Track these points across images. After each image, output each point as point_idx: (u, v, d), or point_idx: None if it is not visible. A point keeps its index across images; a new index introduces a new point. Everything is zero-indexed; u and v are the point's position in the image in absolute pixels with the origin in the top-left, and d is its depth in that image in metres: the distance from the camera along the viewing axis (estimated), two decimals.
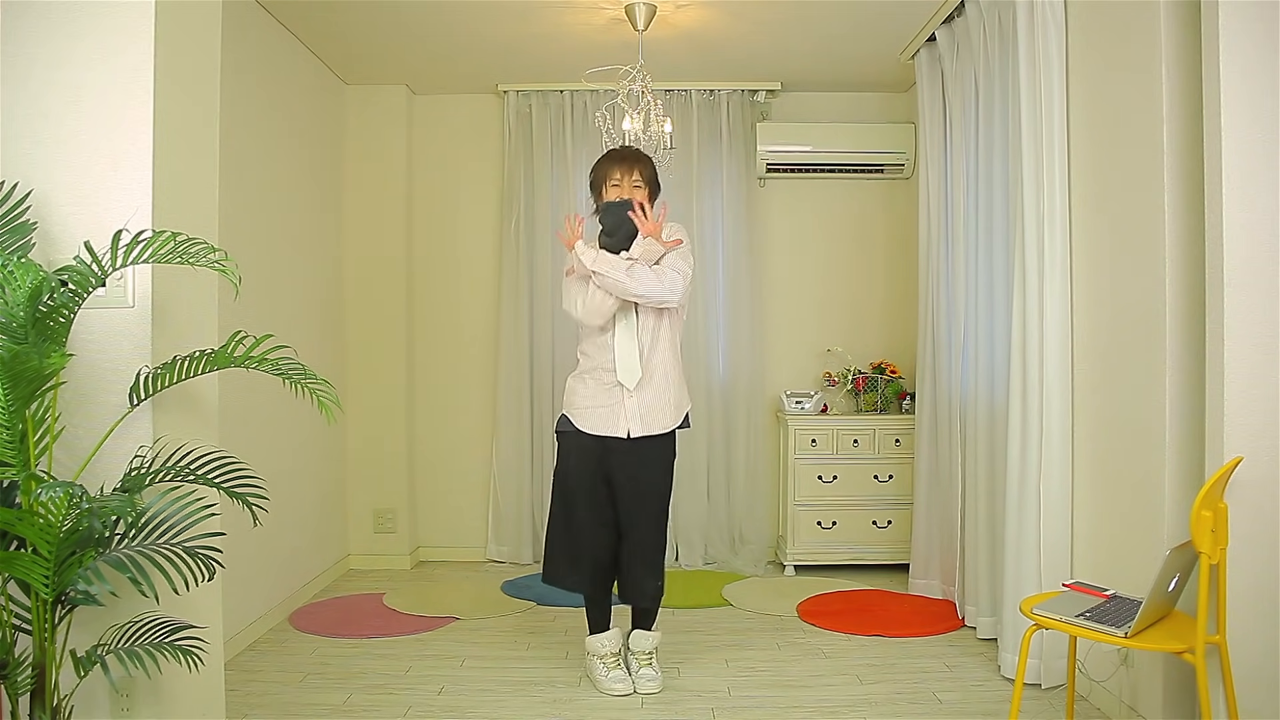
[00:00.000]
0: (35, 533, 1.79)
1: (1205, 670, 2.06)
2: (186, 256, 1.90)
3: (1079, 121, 2.90)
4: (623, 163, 2.97)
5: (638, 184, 2.96)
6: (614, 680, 2.97)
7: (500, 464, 4.72)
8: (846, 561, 4.42)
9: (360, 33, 3.95)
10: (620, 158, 2.99)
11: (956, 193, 3.64)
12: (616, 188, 2.95)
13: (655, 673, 3.01)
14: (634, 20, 3.64)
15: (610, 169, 2.97)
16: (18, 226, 2.01)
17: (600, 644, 3.03)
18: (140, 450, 2.04)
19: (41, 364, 1.79)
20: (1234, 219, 2.20)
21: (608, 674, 2.99)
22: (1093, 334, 2.85)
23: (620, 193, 2.94)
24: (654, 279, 2.86)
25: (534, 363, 4.69)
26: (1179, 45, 2.45)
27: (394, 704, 2.88)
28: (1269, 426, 2.20)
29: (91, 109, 2.10)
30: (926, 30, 3.84)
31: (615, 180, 2.96)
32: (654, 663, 3.05)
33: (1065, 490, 2.91)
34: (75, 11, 2.10)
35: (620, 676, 2.98)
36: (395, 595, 4.10)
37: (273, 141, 3.77)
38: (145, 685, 2.04)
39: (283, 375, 2.02)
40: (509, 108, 4.69)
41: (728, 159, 4.66)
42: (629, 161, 2.97)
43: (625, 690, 2.96)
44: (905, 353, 4.61)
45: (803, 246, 4.82)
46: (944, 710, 2.83)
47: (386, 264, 4.64)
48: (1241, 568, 2.19)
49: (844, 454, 4.40)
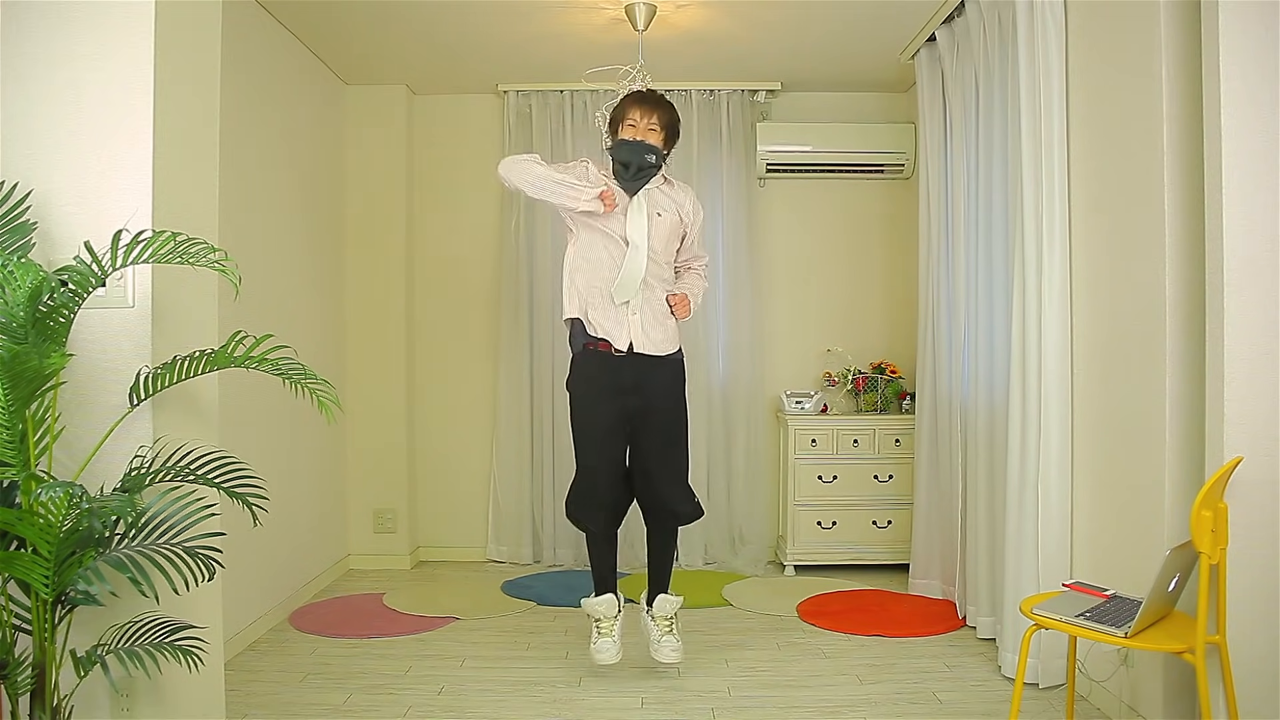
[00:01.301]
0: (35, 533, 1.79)
1: (1205, 670, 2.06)
2: (186, 256, 1.90)
3: (1079, 121, 2.90)
4: (643, 104, 3.01)
5: (653, 127, 3.00)
6: (600, 649, 3.00)
7: (500, 464, 4.72)
8: (846, 561, 4.42)
9: (360, 33, 3.95)
10: (641, 99, 3.04)
11: (956, 193, 3.64)
12: (632, 127, 2.99)
13: (676, 640, 3.03)
14: (634, 20, 3.64)
15: (630, 109, 3.02)
16: (18, 226, 2.02)
17: (594, 606, 3.05)
18: (140, 450, 2.04)
19: (41, 364, 1.79)
20: (1234, 219, 2.19)
21: (597, 639, 3.02)
22: (1093, 333, 2.85)
23: (635, 133, 2.99)
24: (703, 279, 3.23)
25: (534, 363, 4.69)
26: (1179, 45, 2.45)
27: (394, 704, 2.88)
28: (1269, 426, 2.20)
29: (91, 109, 2.10)
30: (926, 30, 3.84)
31: (632, 120, 3.00)
32: (675, 629, 3.06)
33: (1065, 490, 2.91)
34: (75, 11, 2.10)
35: (606, 646, 3.00)
36: (395, 595, 4.10)
37: (273, 141, 3.77)
38: (145, 685, 2.04)
39: (283, 375, 2.02)
40: (509, 108, 4.69)
41: (728, 159, 4.66)
42: (649, 104, 3.01)
43: (609, 661, 2.99)
44: (905, 353, 4.61)
45: (803, 246, 4.82)
46: (944, 710, 2.83)
47: (386, 264, 4.64)
48: (1241, 568, 2.19)
49: (844, 454, 4.40)
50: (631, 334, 2.99)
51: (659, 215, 3.02)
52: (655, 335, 3.02)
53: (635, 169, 2.96)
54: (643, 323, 3.00)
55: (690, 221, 3.12)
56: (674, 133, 3.07)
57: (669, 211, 3.04)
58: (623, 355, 2.98)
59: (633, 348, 2.99)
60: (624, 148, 2.98)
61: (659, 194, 3.05)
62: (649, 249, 2.98)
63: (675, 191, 3.10)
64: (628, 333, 2.99)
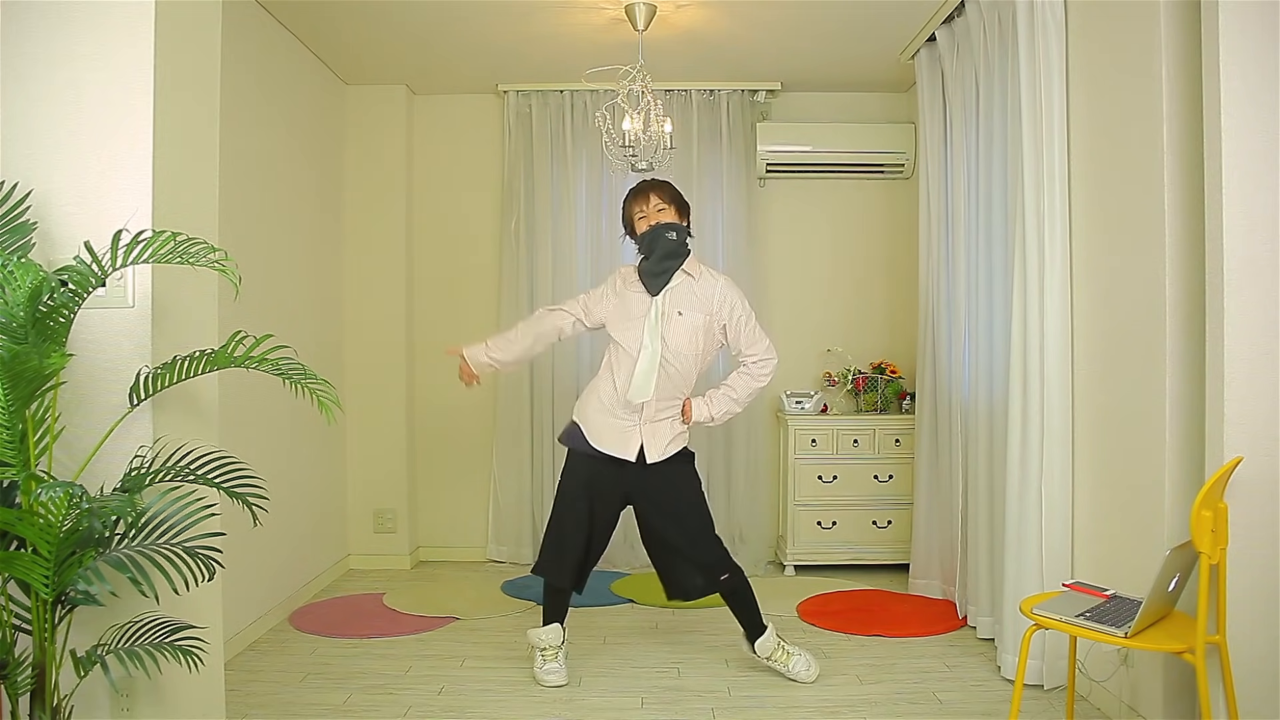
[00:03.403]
0: (35, 533, 1.79)
1: (1205, 670, 2.06)
2: (186, 256, 1.90)
3: (1079, 121, 2.90)
4: (639, 196, 3.09)
5: (661, 207, 3.05)
6: (547, 671, 3.03)
7: (500, 464, 4.72)
8: (846, 561, 4.42)
9: (360, 33, 3.95)
10: (636, 193, 3.11)
11: (956, 193, 3.64)
12: (643, 219, 3.06)
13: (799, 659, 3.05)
14: (634, 20, 3.64)
15: (632, 207, 3.11)
16: (18, 226, 2.01)
17: (539, 636, 3.08)
18: (140, 450, 2.04)
19: (41, 364, 1.79)
20: (1234, 219, 2.19)
21: (544, 665, 3.05)
22: (1093, 333, 2.85)
23: (648, 223, 3.04)
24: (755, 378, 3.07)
25: (534, 363, 4.68)
26: (1179, 45, 2.45)
27: (394, 704, 2.88)
28: (1269, 426, 2.20)
29: (91, 109, 2.10)
30: (926, 30, 3.84)
31: (641, 214, 3.07)
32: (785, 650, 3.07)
33: (1065, 490, 2.91)
34: (75, 11, 2.10)
35: (554, 669, 3.03)
36: (395, 595, 4.10)
37: (273, 141, 3.77)
38: (145, 685, 2.04)
39: (283, 375, 2.02)
40: (509, 108, 4.69)
41: (728, 159, 4.66)
42: (645, 190, 3.09)
43: (557, 683, 3.02)
44: (905, 353, 4.61)
45: (803, 246, 4.82)
46: (944, 710, 2.83)
47: (386, 264, 4.64)
48: (1241, 568, 2.19)
49: (844, 454, 4.40)
50: (643, 440, 3.00)
51: (679, 315, 2.99)
52: (664, 442, 3.02)
53: (660, 255, 2.98)
54: (654, 431, 3.01)
55: (720, 310, 3.02)
56: (682, 204, 3.10)
57: (691, 310, 3.00)
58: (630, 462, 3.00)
59: (643, 457, 2.99)
60: (642, 238, 3.03)
61: (683, 290, 3.02)
62: (668, 350, 2.97)
63: (700, 285, 3.03)
64: (638, 442, 2.99)
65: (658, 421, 3.02)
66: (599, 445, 3.01)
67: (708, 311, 3.02)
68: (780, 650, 3.06)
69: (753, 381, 3.06)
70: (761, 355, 3.05)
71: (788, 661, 3.05)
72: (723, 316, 3.03)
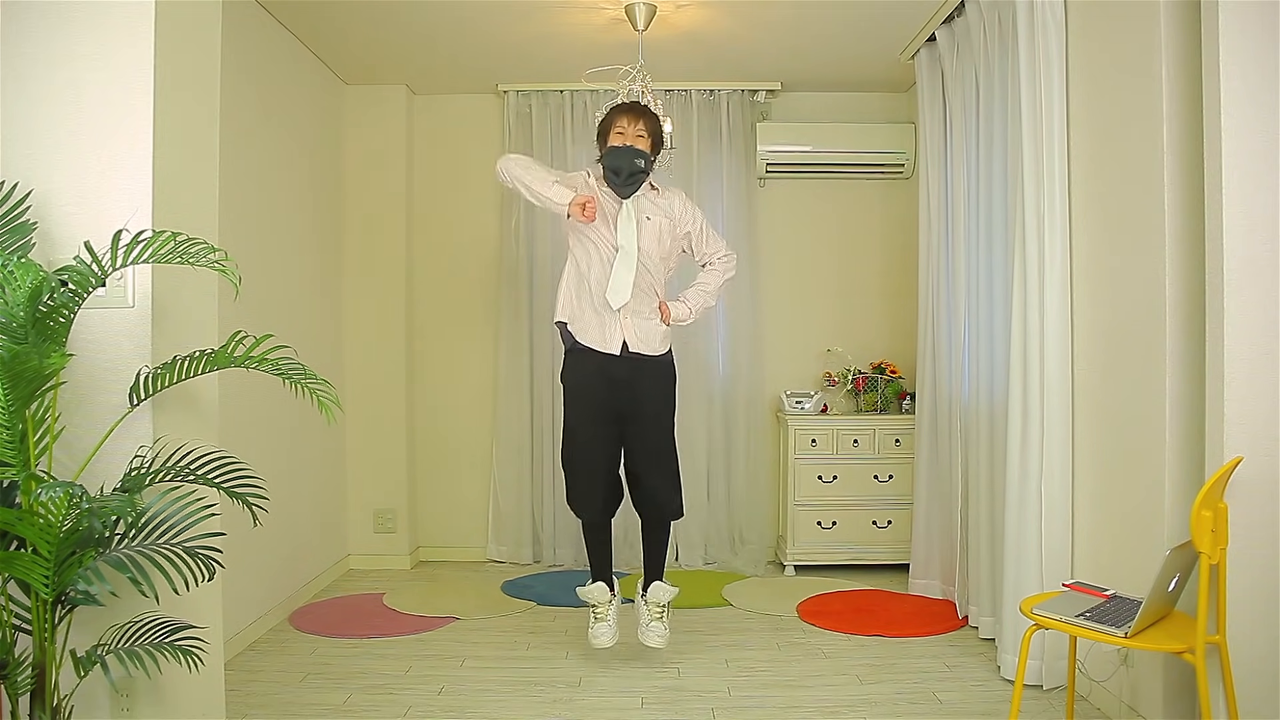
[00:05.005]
0: (35, 533, 1.79)
1: (1205, 670, 2.06)
2: (186, 256, 1.90)
3: (1079, 121, 2.90)
4: (629, 112, 3.15)
5: (640, 134, 3.12)
6: (595, 634, 3.13)
7: (500, 464, 4.72)
8: (846, 561, 4.42)
9: (360, 33, 3.95)
10: (628, 108, 3.18)
11: (956, 193, 3.64)
12: (620, 135, 3.11)
13: (664, 628, 3.15)
14: (634, 20, 3.64)
15: (617, 118, 3.15)
16: (18, 226, 2.01)
17: (587, 593, 3.18)
18: (140, 450, 2.04)
19: (41, 364, 1.79)
20: (1234, 219, 2.19)
21: (594, 624, 3.15)
22: (1093, 334, 2.85)
23: (623, 139, 3.10)
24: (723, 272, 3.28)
25: (534, 363, 4.69)
26: (1179, 45, 2.45)
27: (394, 704, 2.88)
28: (1269, 426, 2.20)
29: (91, 109, 2.10)
30: (926, 30, 3.84)
31: (620, 128, 3.12)
32: (665, 618, 3.17)
33: (1065, 490, 2.91)
34: (75, 11, 2.10)
35: (601, 631, 3.13)
36: (395, 595, 4.10)
37: (273, 141, 3.76)
38: (145, 685, 2.04)
39: (283, 375, 2.02)
40: (509, 108, 4.69)
41: (728, 159, 4.66)
42: (635, 113, 3.15)
43: (604, 644, 3.12)
44: (905, 353, 4.61)
45: (803, 246, 4.81)
46: (944, 710, 2.83)
47: (386, 264, 4.64)
48: (1241, 568, 2.19)
49: (844, 454, 4.40)
50: (624, 334, 3.09)
51: (647, 219, 3.13)
52: (646, 335, 3.12)
53: (626, 174, 3.06)
54: (635, 325, 3.10)
55: (682, 219, 3.22)
56: (659, 141, 3.21)
57: (657, 215, 3.16)
58: (615, 355, 3.08)
59: (626, 348, 3.08)
60: (613, 153, 3.08)
61: (646, 201, 3.16)
62: (639, 253, 3.07)
63: (662, 197, 3.21)
64: (619, 335, 3.09)
65: (640, 318, 3.11)
66: (583, 340, 3.11)
67: (671, 219, 3.18)
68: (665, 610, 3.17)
69: (722, 275, 3.29)
70: (724, 252, 3.30)
71: (658, 621, 3.14)
72: (685, 225, 3.22)
